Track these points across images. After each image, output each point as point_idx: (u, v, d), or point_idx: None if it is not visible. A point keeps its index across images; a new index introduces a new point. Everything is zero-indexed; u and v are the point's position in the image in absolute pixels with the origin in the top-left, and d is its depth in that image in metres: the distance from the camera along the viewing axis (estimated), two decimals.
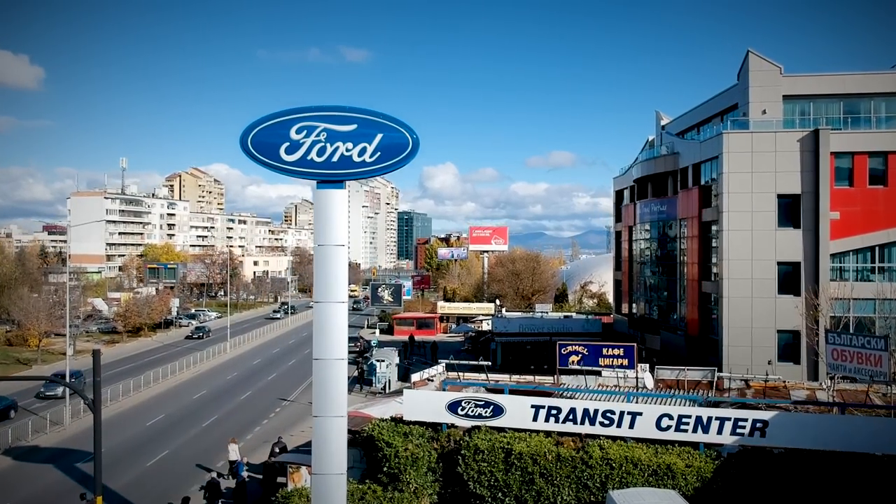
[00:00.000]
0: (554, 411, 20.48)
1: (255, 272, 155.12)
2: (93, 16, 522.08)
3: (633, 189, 52.54)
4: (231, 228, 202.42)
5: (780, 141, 35.96)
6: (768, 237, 35.92)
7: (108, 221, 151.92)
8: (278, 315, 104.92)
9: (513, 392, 22.79)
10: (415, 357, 63.83)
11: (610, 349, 27.57)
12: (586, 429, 20.23)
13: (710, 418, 19.45)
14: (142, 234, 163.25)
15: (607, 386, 30.77)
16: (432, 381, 32.06)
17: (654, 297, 47.36)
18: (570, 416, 20.31)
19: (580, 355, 27.64)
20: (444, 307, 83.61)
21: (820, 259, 35.24)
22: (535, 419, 20.59)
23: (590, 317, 69.68)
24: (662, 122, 53.10)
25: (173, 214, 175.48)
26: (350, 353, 64.13)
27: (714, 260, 38.48)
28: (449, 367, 35.00)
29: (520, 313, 73.29)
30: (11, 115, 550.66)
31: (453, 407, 21.27)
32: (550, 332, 56.54)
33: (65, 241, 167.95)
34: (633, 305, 52.89)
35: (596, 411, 20.21)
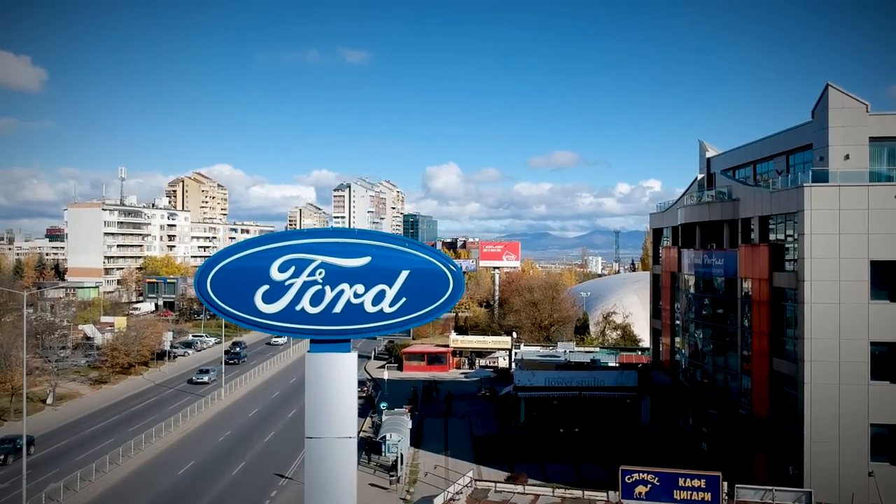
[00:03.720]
0: None
1: None
2: (93, 18, 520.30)
3: (675, 231, 46.49)
4: (233, 238, 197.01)
5: (874, 196, 29.93)
6: (859, 312, 29.87)
7: (107, 234, 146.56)
8: (206, 377, 64.97)
9: None
10: (430, 408, 58.07)
11: (687, 479, 21.69)
12: None
13: None
14: (141, 245, 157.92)
15: None
16: (457, 501, 26.28)
17: (706, 362, 41.12)
18: None
19: (649, 485, 21.80)
20: (458, 341, 77.78)
21: None
22: None
23: (619, 352, 63.99)
24: (708, 154, 46.95)
25: (174, 225, 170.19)
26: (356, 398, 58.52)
27: (789, 333, 32.42)
28: (481, 459, 29.35)
29: (539, 348, 67.47)
30: (14, 117, 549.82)
31: None
32: (580, 387, 50.83)
33: (64, 248, 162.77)
34: (676, 357, 46.90)
35: None
